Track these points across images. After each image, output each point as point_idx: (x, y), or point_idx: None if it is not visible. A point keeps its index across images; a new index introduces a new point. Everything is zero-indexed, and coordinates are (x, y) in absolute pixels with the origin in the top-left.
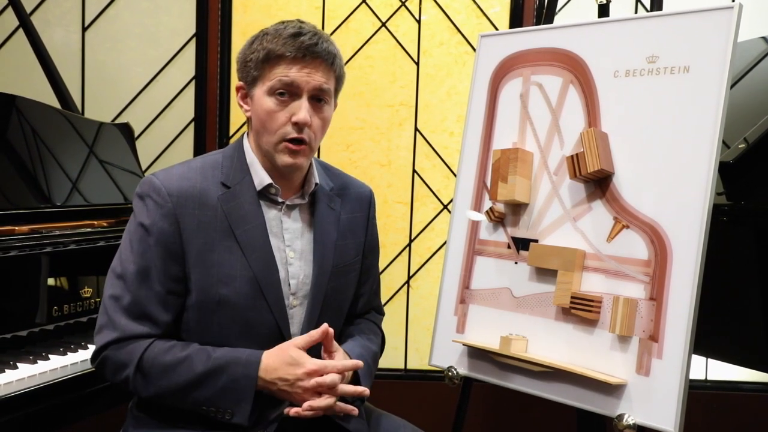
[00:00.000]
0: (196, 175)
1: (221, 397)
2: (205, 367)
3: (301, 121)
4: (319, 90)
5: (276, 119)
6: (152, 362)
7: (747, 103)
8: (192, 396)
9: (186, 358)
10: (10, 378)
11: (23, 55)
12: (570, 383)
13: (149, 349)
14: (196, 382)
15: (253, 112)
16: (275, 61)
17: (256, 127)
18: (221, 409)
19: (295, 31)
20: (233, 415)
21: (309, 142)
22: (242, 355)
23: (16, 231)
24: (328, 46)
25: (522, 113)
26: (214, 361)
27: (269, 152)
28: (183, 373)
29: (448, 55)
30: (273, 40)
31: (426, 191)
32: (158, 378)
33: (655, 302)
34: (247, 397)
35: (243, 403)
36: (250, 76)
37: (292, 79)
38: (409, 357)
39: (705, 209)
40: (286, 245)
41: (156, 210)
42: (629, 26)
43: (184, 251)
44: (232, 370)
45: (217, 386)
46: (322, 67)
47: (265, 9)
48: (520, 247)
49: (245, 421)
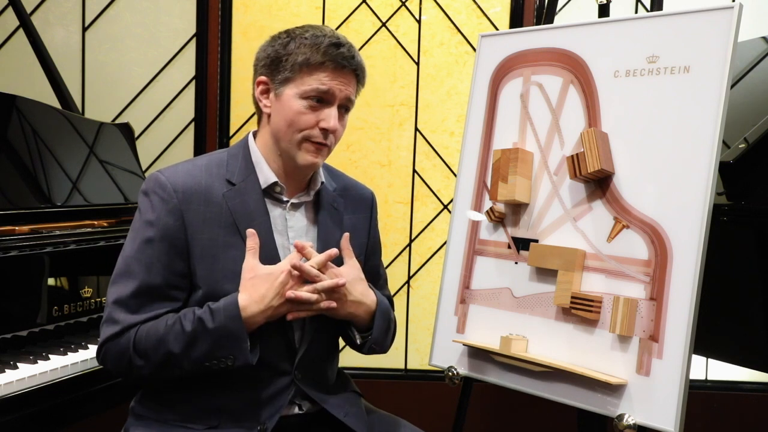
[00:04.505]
0: (201, 172)
1: (217, 348)
2: (192, 326)
3: (331, 128)
4: (348, 100)
5: (305, 121)
6: (146, 337)
7: (747, 103)
8: (191, 356)
9: (174, 323)
10: (10, 378)
11: (23, 55)
12: (570, 383)
13: (140, 329)
14: (190, 343)
15: (277, 110)
16: (315, 68)
17: (277, 124)
18: (222, 357)
19: (335, 41)
20: (235, 359)
21: (330, 145)
22: (221, 303)
23: (17, 231)
24: (361, 60)
25: (522, 113)
26: (198, 317)
27: (289, 150)
28: (175, 338)
29: (449, 55)
30: (312, 47)
31: (426, 191)
32: (155, 350)
33: (655, 302)
34: (241, 337)
35: (240, 343)
36: (281, 75)
37: (329, 88)
38: (409, 357)
39: (705, 209)
40: (290, 243)
41: (161, 206)
42: (629, 26)
43: (189, 247)
44: (216, 319)
45: (208, 340)
46: (353, 80)
47: (266, 9)
48: (520, 247)
49: (248, 359)
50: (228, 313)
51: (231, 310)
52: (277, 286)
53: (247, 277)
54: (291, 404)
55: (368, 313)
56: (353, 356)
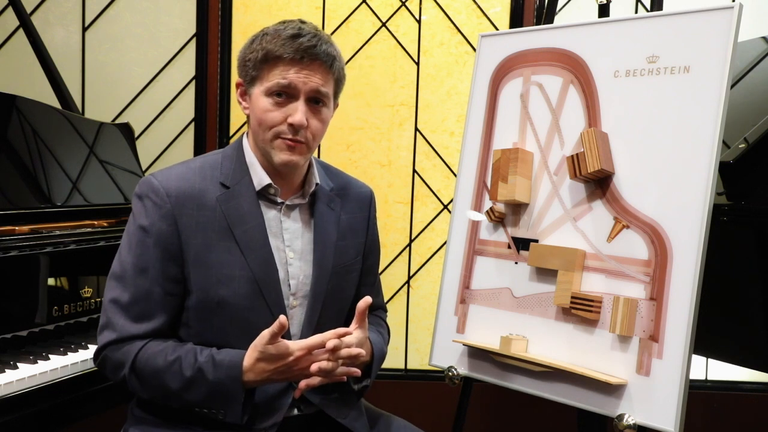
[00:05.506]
0: (194, 176)
1: (211, 400)
2: (191, 372)
3: (297, 123)
4: (316, 92)
5: (272, 117)
6: (144, 364)
7: (747, 103)
8: (184, 399)
9: (175, 362)
10: (10, 378)
11: (23, 55)
12: (570, 383)
13: (143, 350)
14: (186, 386)
15: (251, 110)
16: (273, 62)
17: (253, 125)
18: (213, 410)
19: (295, 32)
20: (225, 415)
21: (306, 141)
22: (225, 358)
23: (17, 231)
24: (327, 48)
25: (522, 113)
26: (198, 366)
27: (265, 150)
28: (172, 377)
29: (449, 55)
30: (272, 41)
31: (426, 191)
32: (150, 380)
33: (655, 302)
34: (236, 398)
35: (233, 404)
36: (248, 75)
37: (289, 81)
38: (409, 357)
39: (705, 209)
40: (285, 245)
41: (154, 210)
42: (629, 26)
43: (182, 252)
44: (217, 374)
45: (204, 390)
46: (321, 70)
47: (266, 9)
48: (520, 247)
49: (238, 420)
50: (230, 372)
51: (233, 371)
52: (281, 369)
53: (257, 348)
54: (290, 406)
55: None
56: None
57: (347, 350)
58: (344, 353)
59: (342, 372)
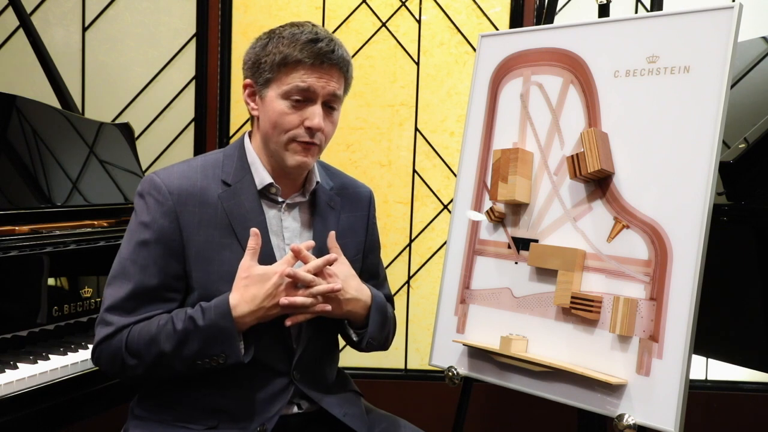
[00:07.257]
0: (196, 174)
1: (208, 345)
2: (183, 325)
3: (315, 127)
4: (332, 96)
5: (289, 121)
6: (138, 337)
7: (747, 103)
8: (182, 355)
9: (167, 323)
10: (10, 378)
11: (23, 55)
12: (570, 383)
13: (133, 329)
14: (182, 341)
15: (263, 112)
16: (292, 66)
17: (264, 127)
18: (213, 355)
19: (312, 36)
20: (227, 357)
21: (320, 144)
22: (212, 302)
23: (17, 231)
24: (343, 53)
25: (522, 113)
26: (189, 316)
27: (277, 152)
28: (166, 338)
29: (449, 55)
30: (290, 45)
31: (426, 191)
32: (147, 349)
33: (655, 302)
34: (231, 334)
35: (230, 341)
36: (262, 77)
37: (308, 85)
38: (409, 357)
39: (705, 209)
40: (285, 244)
41: (157, 208)
42: (629, 26)
43: (184, 249)
44: (207, 317)
45: (199, 337)
46: (337, 74)
47: (266, 9)
48: (520, 247)
49: (239, 358)
50: (218, 311)
51: (221, 308)
52: (268, 288)
53: (242, 276)
54: (290, 404)
55: (364, 309)
56: (353, 356)
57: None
58: (319, 290)
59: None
